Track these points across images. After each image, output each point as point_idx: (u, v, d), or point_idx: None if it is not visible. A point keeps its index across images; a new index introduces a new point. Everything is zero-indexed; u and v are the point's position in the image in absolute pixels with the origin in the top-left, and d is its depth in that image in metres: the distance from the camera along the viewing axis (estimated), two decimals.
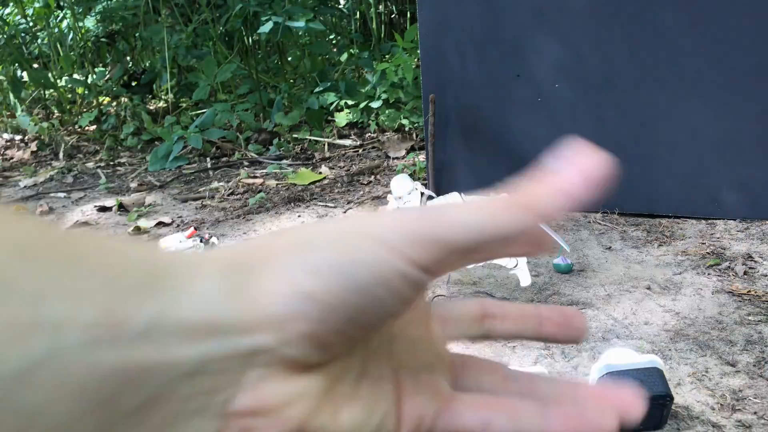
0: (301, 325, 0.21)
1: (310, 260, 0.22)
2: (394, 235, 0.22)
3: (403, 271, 0.22)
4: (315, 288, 0.21)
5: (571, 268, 1.65)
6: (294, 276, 0.21)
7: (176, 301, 0.20)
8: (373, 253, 0.22)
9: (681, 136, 1.94)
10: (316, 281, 0.21)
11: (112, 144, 3.88)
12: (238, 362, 0.21)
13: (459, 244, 0.23)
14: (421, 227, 0.23)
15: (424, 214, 0.23)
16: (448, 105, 2.19)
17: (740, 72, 1.82)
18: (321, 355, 0.22)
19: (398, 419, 0.25)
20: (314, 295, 0.21)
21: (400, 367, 0.26)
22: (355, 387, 0.24)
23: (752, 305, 1.42)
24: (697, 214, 1.97)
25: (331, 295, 0.21)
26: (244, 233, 2.16)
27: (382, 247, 0.22)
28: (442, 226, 0.23)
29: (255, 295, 0.21)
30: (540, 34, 2.03)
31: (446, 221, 0.23)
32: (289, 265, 0.22)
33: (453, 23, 2.13)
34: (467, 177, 2.25)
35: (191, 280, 0.20)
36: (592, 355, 1.25)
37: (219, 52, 4.05)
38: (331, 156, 3.15)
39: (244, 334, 0.21)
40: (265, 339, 0.21)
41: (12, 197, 3.02)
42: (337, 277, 0.21)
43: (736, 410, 1.06)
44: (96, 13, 4.39)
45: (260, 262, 0.22)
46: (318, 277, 0.21)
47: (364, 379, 0.25)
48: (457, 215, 0.23)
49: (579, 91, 2.03)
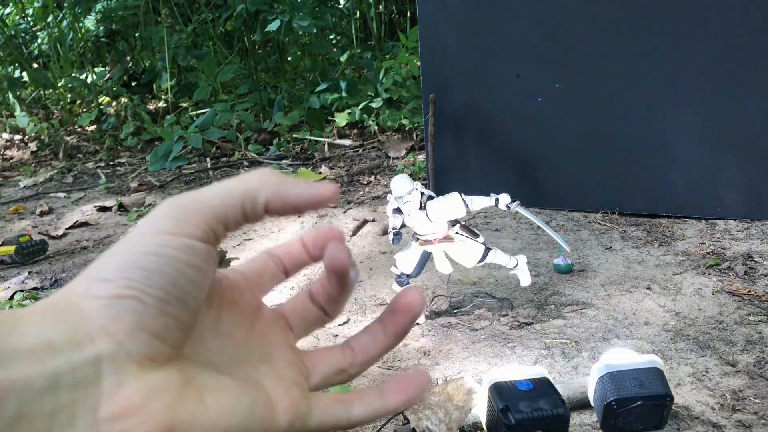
0: (124, 321, 0.24)
1: (101, 272, 0.25)
2: (163, 221, 0.26)
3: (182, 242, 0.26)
4: (116, 288, 0.25)
5: (571, 268, 1.65)
6: (96, 290, 0.25)
7: (11, 335, 0.22)
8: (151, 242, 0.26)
9: (681, 136, 1.94)
10: (116, 284, 0.25)
11: (112, 144, 3.88)
12: (89, 372, 0.23)
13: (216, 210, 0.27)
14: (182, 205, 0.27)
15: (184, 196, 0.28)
16: (448, 105, 2.19)
17: (740, 72, 1.82)
18: (163, 346, 0.25)
19: (270, 402, 0.28)
20: (119, 293, 0.24)
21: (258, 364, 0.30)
22: (216, 379, 0.27)
23: (752, 305, 1.42)
24: (697, 214, 1.97)
25: (136, 288, 0.25)
26: (244, 233, 2.16)
27: (157, 234, 0.26)
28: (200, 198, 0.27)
29: (77, 318, 0.24)
30: (540, 34, 2.03)
31: (201, 194, 0.28)
32: (88, 284, 0.25)
33: (453, 23, 2.13)
34: (467, 177, 2.25)
35: (17, 325, 0.23)
36: (592, 355, 1.25)
37: (219, 52, 4.05)
38: (331, 156, 3.15)
39: (82, 347, 0.23)
40: (104, 346, 0.24)
41: (12, 197, 3.02)
42: (130, 272, 0.25)
43: (736, 410, 1.06)
44: (96, 12, 4.38)
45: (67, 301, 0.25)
46: (115, 281, 0.25)
47: (224, 375, 0.28)
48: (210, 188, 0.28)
49: (579, 91, 2.03)
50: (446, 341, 1.36)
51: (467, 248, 1.37)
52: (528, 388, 0.94)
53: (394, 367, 1.28)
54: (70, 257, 2.07)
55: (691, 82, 1.88)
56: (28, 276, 1.87)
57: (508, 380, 0.96)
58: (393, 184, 1.33)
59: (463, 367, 1.26)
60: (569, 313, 1.44)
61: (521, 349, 1.30)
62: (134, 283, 0.25)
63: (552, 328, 1.37)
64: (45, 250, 2.10)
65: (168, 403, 0.24)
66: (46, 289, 1.79)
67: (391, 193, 1.34)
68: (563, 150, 2.11)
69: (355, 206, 2.38)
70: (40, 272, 1.92)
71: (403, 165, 2.79)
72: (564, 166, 2.12)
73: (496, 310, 1.48)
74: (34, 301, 1.66)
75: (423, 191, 1.33)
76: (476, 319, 1.44)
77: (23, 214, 2.71)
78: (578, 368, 1.22)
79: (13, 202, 2.89)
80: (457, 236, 1.36)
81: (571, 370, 1.21)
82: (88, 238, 2.29)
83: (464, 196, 1.31)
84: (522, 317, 1.43)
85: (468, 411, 1.04)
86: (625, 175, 2.04)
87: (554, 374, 1.20)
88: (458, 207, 1.30)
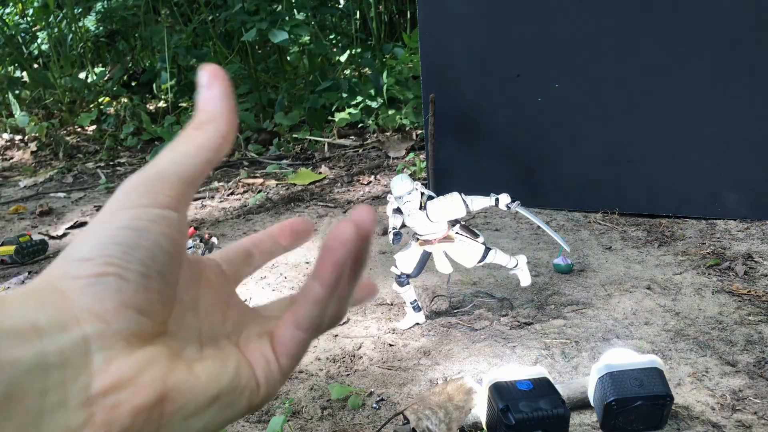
0: (108, 300, 0.24)
1: (78, 252, 0.26)
2: (132, 195, 0.27)
3: (152, 214, 0.26)
4: (96, 267, 0.25)
5: (571, 268, 1.65)
6: (76, 270, 0.25)
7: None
8: (124, 217, 0.26)
9: (681, 136, 1.94)
10: (95, 262, 0.25)
11: (112, 144, 3.88)
12: (77, 352, 0.23)
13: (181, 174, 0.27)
14: (147, 177, 0.27)
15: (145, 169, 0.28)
16: (448, 105, 2.19)
17: (740, 72, 1.82)
18: (149, 322, 0.25)
19: (250, 366, 0.29)
20: (99, 271, 0.25)
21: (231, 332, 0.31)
22: (199, 352, 0.28)
23: (752, 305, 1.42)
24: (697, 214, 1.97)
25: (116, 265, 0.25)
26: (244, 233, 2.16)
27: (129, 209, 0.26)
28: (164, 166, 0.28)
29: (59, 300, 0.24)
30: (540, 34, 2.03)
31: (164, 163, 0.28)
32: (66, 266, 0.25)
33: (453, 23, 2.13)
34: (467, 177, 2.25)
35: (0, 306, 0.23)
36: (592, 355, 1.25)
37: (219, 52, 4.05)
38: (331, 156, 3.15)
39: (68, 328, 0.23)
40: (90, 326, 0.24)
41: (12, 197, 3.02)
42: (107, 248, 0.25)
43: (736, 410, 1.06)
44: (96, 12, 4.38)
45: (48, 284, 0.25)
46: (94, 259, 0.25)
47: (205, 347, 0.29)
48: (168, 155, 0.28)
49: (579, 91, 2.03)
50: (446, 341, 1.36)
51: (467, 248, 1.37)
52: (528, 388, 0.94)
53: (393, 367, 1.28)
54: None
55: (691, 82, 1.88)
56: (28, 276, 1.87)
57: (508, 380, 0.96)
58: (393, 184, 1.33)
59: (463, 367, 1.26)
60: (569, 313, 1.44)
61: (521, 349, 1.30)
62: (113, 259, 0.25)
63: (552, 328, 1.37)
64: (45, 250, 2.10)
65: (158, 374, 0.25)
66: None
67: (391, 193, 1.34)
68: (563, 150, 2.11)
69: (355, 206, 2.38)
70: (40, 272, 1.92)
71: (403, 165, 2.79)
72: (564, 166, 2.12)
73: (496, 310, 1.48)
74: None
75: (423, 191, 1.33)
76: (476, 319, 1.44)
77: (23, 214, 2.71)
78: (578, 368, 1.22)
79: (13, 202, 2.89)
80: (457, 236, 1.36)
81: (571, 370, 1.21)
82: None
83: (464, 196, 1.31)
84: (522, 317, 1.43)
85: (468, 411, 1.04)
86: (625, 175, 2.04)
87: (554, 374, 1.20)
88: (458, 207, 1.30)
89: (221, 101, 0.29)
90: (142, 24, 4.25)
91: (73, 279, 0.25)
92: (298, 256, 1.89)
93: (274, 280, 1.72)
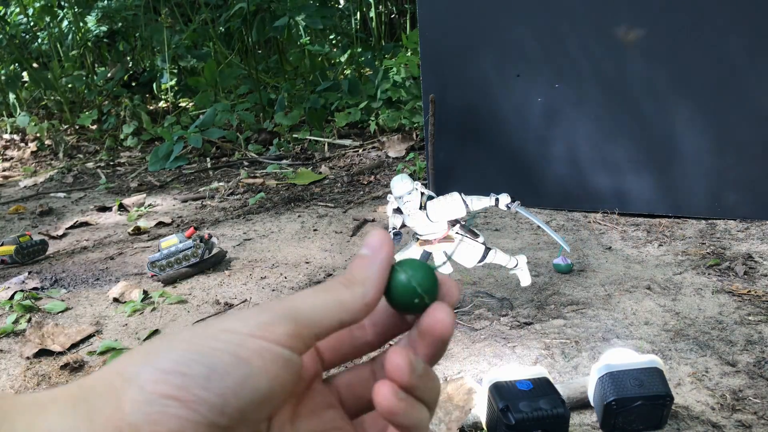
0: (161, 426, 0.21)
1: (160, 358, 0.23)
2: (248, 321, 0.24)
3: (263, 346, 0.23)
4: (166, 385, 0.22)
5: (571, 268, 1.65)
6: (146, 379, 0.22)
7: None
8: (229, 340, 0.23)
9: (681, 136, 1.94)
10: (169, 378, 0.22)
11: (112, 144, 3.88)
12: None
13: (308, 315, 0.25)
14: (271, 308, 0.25)
15: (273, 302, 0.25)
16: (448, 105, 2.19)
17: (740, 72, 1.82)
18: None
19: None
20: (167, 391, 0.22)
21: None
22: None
23: (752, 305, 1.42)
24: (697, 214, 1.97)
25: (188, 390, 0.22)
26: (244, 233, 2.16)
27: (238, 333, 0.23)
28: (297, 306, 0.25)
29: (111, 410, 0.21)
30: (540, 34, 2.03)
31: (299, 303, 0.25)
32: (140, 369, 0.22)
33: (453, 23, 2.13)
34: (467, 177, 2.25)
35: (38, 417, 0.21)
36: (592, 355, 1.25)
37: (219, 52, 4.05)
38: (331, 156, 3.15)
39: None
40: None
41: (12, 197, 3.02)
42: (190, 366, 0.22)
43: (736, 410, 1.06)
44: (98, 9, 4.38)
45: (110, 385, 0.22)
46: (170, 375, 0.22)
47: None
48: (308, 298, 0.26)
49: (579, 91, 2.03)
50: None
51: (467, 248, 1.37)
52: (528, 388, 0.94)
53: None
54: (70, 257, 2.07)
55: (691, 82, 1.88)
56: (28, 276, 1.87)
57: (508, 380, 0.96)
58: (393, 184, 1.33)
59: (463, 367, 1.26)
60: (569, 313, 1.44)
61: (521, 349, 1.30)
62: (189, 381, 0.22)
63: (552, 328, 1.37)
64: (45, 250, 2.10)
65: None
66: (46, 289, 1.79)
67: (391, 193, 1.34)
68: (563, 150, 2.11)
69: (355, 206, 2.38)
70: (40, 272, 1.92)
71: (403, 165, 2.80)
72: (564, 166, 2.12)
73: (496, 310, 1.48)
74: (34, 301, 1.66)
75: (423, 191, 1.33)
76: (476, 319, 1.44)
77: (23, 214, 2.71)
78: (578, 368, 1.22)
79: (13, 202, 2.89)
80: (457, 236, 1.36)
81: (571, 370, 1.21)
82: (88, 238, 2.29)
83: (464, 196, 1.31)
84: (522, 317, 1.43)
85: (468, 411, 1.04)
86: (625, 175, 2.04)
87: (554, 374, 1.20)
88: (458, 207, 1.30)
89: (378, 271, 0.27)
90: (142, 24, 4.25)
91: (139, 389, 0.22)
92: (297, 256, 1.89)
93: (274, 280, 1.72)
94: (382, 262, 0.28)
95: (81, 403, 0.22)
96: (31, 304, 1.63)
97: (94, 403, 0.22)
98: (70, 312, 1.61)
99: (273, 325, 0.24)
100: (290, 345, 0.24)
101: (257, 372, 0.23)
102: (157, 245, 1.90)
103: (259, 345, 0.23)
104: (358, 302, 0.27)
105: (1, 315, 1.61)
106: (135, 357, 0.23)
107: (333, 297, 0.26)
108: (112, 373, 0.23)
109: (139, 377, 0.22)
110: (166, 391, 0.22)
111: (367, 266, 0.28)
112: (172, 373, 0.22)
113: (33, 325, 1.49)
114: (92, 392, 0.22)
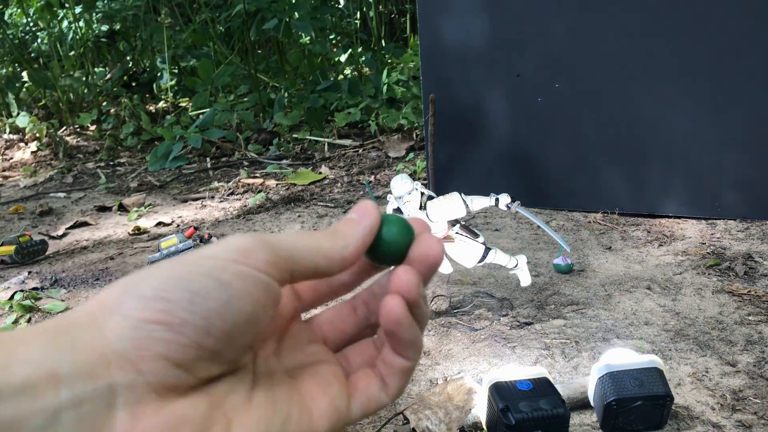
0: (148, 349, 0.21)
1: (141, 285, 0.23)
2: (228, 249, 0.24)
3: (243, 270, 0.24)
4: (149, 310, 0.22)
5: (571, 268, 1.65)
6: (128, 306, 0.22)
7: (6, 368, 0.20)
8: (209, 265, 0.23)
9: (681, 136, 1.94)
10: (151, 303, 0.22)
11: (112, 144, 3.88)
12: (98, 406, 0.20)
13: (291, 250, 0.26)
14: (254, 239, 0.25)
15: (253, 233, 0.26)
16: (448, 105, 2.19)
17: (740, 72, 1.82)
18: (189, 377, 0.22)
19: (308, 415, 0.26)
20: (150, 316, 0.22)
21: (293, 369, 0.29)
22: (248, 396, 0.25)
23: (752, 305, 1.41)
24: (697, 214, 1.97)
25: (172, 313, 0.22)
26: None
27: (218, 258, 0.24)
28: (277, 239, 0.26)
29: (95, 339, 0.21)
30: (540, 34, 2.03)
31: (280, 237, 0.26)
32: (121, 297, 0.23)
33: (453, 23, 2.13)
34: (467, 177, 2.25)
35: (16, 350, 0.20)
36: (592, 355, 1.25)
37: (219, 52, 4.05)
38: (331, 156, 3.15)
39: (94, 374, 0.21)
40: (120, 374, 0.21)
41: (12, 197, 3.01)
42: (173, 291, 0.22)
43: (736, 410, 1.06)
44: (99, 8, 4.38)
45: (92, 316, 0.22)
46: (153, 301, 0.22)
47: (257, 388, 0.26)
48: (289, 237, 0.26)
49: (578, 91, 2.03)
50: (446, 341, 1.36)
51: (467, 248, 1.37)
52: (528, 388, 0.94)
53: None
54: (70, 257, 2.07)
55: (691, 82, 1.88)
56: (28, 276, 1.87)
57: (508, 380, 0.96)
58: (393, 184, 1.33)
59: (463, 367, 1.26)
60: (569, 313, 1.44)
61: (521, 349, 1.30)
62: (172, 305, 0.22)
63: (552, 328, 1.37)
64: (45, 250, 2.10)
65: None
66: (46, 289, 1.79)
67: (391, 193, 1.34)
68: (563, 150, 2.11)
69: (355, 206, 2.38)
70: (40, 272, 1.92)
71: (403, 165, 2.80)
72: (564, 166, 2.12)
73: (496, 310, 1.48)
74: (34, 301, 1.66)
75: (423, 191, 1.33)
76: (476, 319, 1.44)
77: (23, 214, 2.71)
78: (578, 368, 1.22)
79: (13, 202, 2.89)
80: (457, 236, 1.36)
81: (571, 370, 1.21)
82: (88, 238, 2.29)
83: (464, 196, 1.31)
84: (522, 317, 1.43)
85: (468, 411, 1.04)
86: (625, 175, 2.04)
87: (554, 374, 1.20)
88: (458, 207, 1.30)
89: (363, 231, 0.28)
90: (142, 24, 4.25)
91: (122, 317, 0.22)
92: None
93: None
94: (366, 227, 0.29)
95: (62, 334, 0.21)
96: (31, 304, 1.63)
97: (77, 333, 0.21)
98: None
99: (252, 251, 0.24)
100: (268, 271, 0.25)
101: (240, 294, 0.23)
102: (157, 245, 1.89)
103: (239, 269, 0.24)
104: (336, 253, 0.27)
105: (1, 315, 1.61)
106: (115, 289, 0.23)
107: (313, 241, 0.27)
108: (93, 306, 0.23)
109: (122, 306, 0.22)
110: (150, 316, 0.22)
111: (353, 226, 0.29)
112: (155, 299, 0.22)
113: None
114: (74, 324, 0.22)
